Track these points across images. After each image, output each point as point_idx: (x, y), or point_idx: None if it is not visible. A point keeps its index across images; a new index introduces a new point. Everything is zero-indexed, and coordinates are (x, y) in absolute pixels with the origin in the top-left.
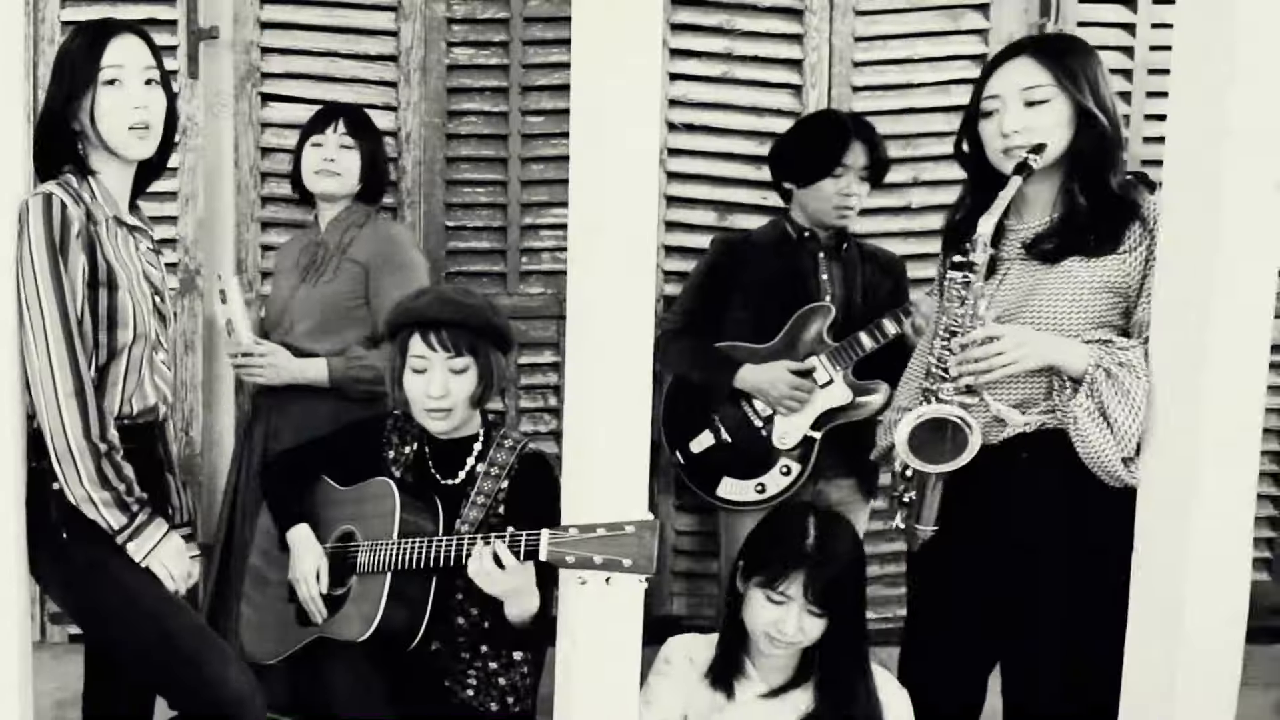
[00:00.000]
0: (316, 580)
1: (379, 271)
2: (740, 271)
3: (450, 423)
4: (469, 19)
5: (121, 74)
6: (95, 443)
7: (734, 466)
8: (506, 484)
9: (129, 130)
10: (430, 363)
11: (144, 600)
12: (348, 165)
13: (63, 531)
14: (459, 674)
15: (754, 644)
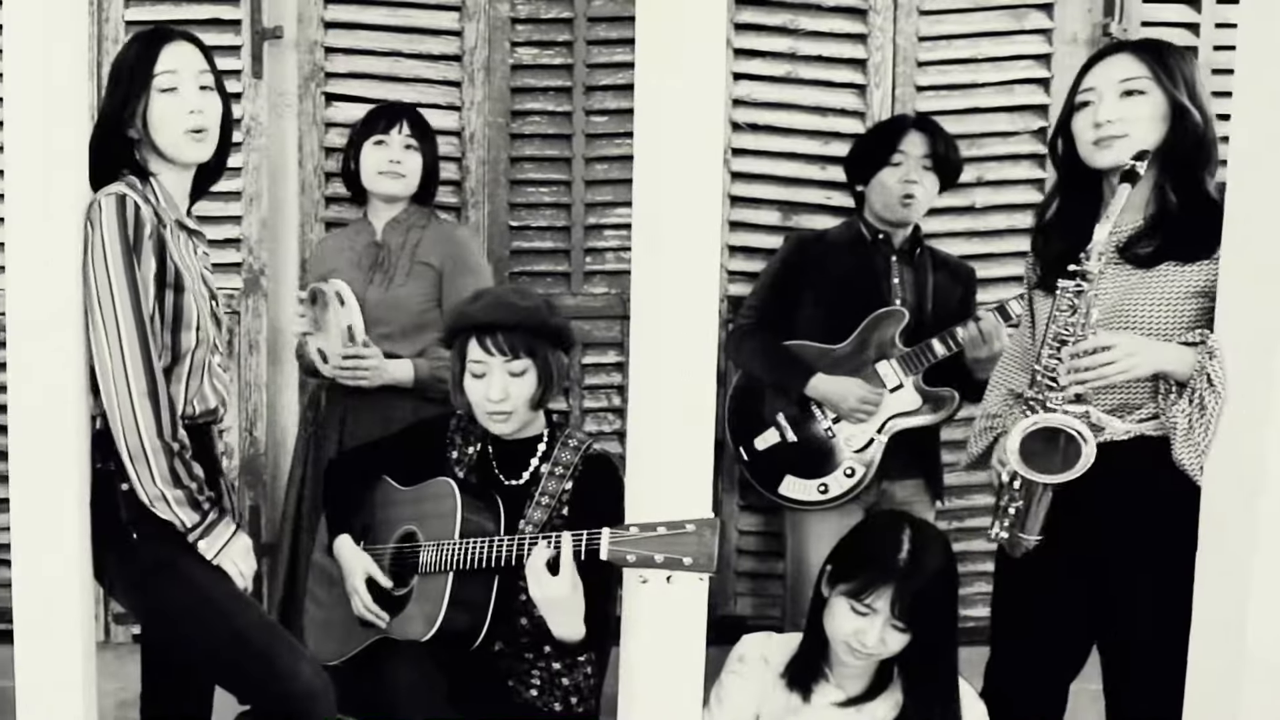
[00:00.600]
0: (372, 588)
1: (453, 274)
2: (813, 270)
3: (512, 425)
4: (533, 19)
5: (176, 80)
6: (168, 441)
7: (798, 465)
8: (570, 485)
9: (184, 134)
10: (489, 367)
11: (215, 597)
12: (412, 167)
13: (132, 532)
14: (522, 674)
15: (834, 652)
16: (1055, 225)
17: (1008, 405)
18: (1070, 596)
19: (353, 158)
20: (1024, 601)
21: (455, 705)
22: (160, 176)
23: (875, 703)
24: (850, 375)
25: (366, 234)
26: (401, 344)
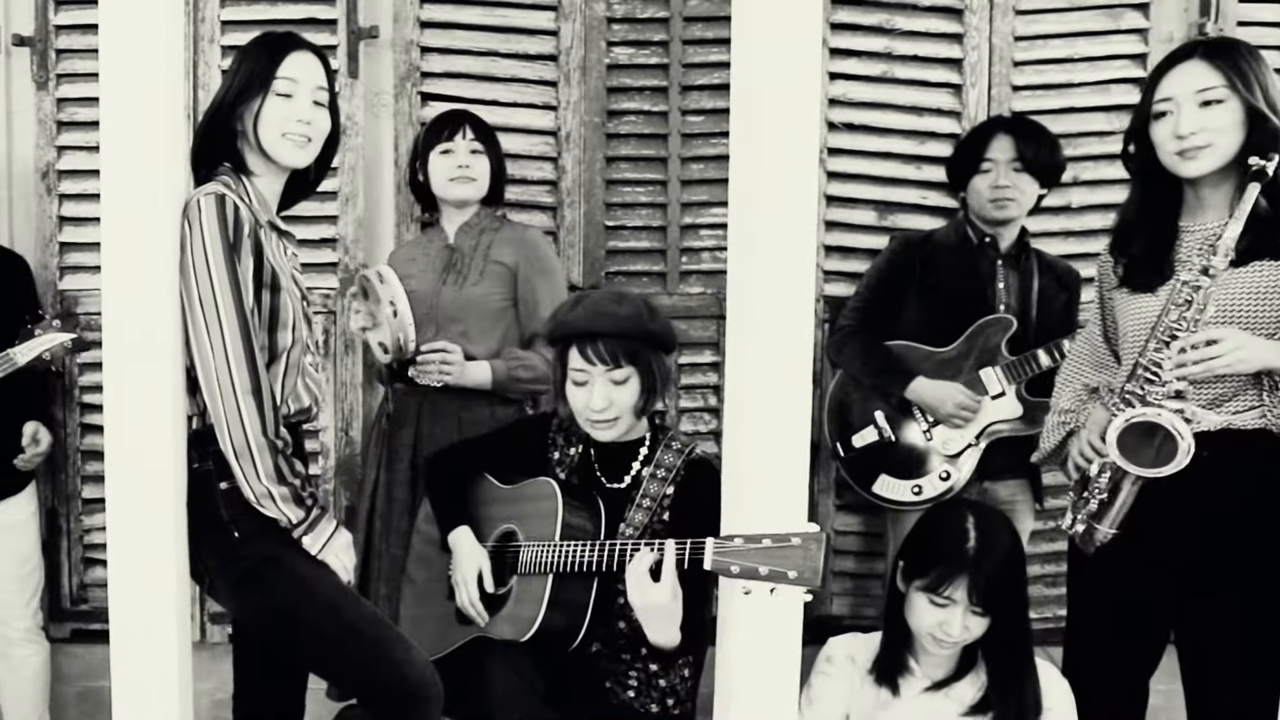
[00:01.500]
0: (478, 585)
1: (528, 274)
2: (918, 271)
3: (615, 431)
4: (629, 18)
5: (294, 88)
6: (272, 439)
7: (893, 465)
8: (672, 489)
9: (287, 138)
10: (590, 375)
11: (323, 591)
12: (480, 170)
13: (234, 530)
14: (619, 676)
15: (918, 643)
16: (1137, 225)
17: (1081, 401)
18: (1150, 592)
19: (420, 169)
20: (1101, 599)
21: (552, 706)
22: (256, 177)
23: (961, 684)
24: (953, 379)
25: (439, 240)
26: (477, 342)
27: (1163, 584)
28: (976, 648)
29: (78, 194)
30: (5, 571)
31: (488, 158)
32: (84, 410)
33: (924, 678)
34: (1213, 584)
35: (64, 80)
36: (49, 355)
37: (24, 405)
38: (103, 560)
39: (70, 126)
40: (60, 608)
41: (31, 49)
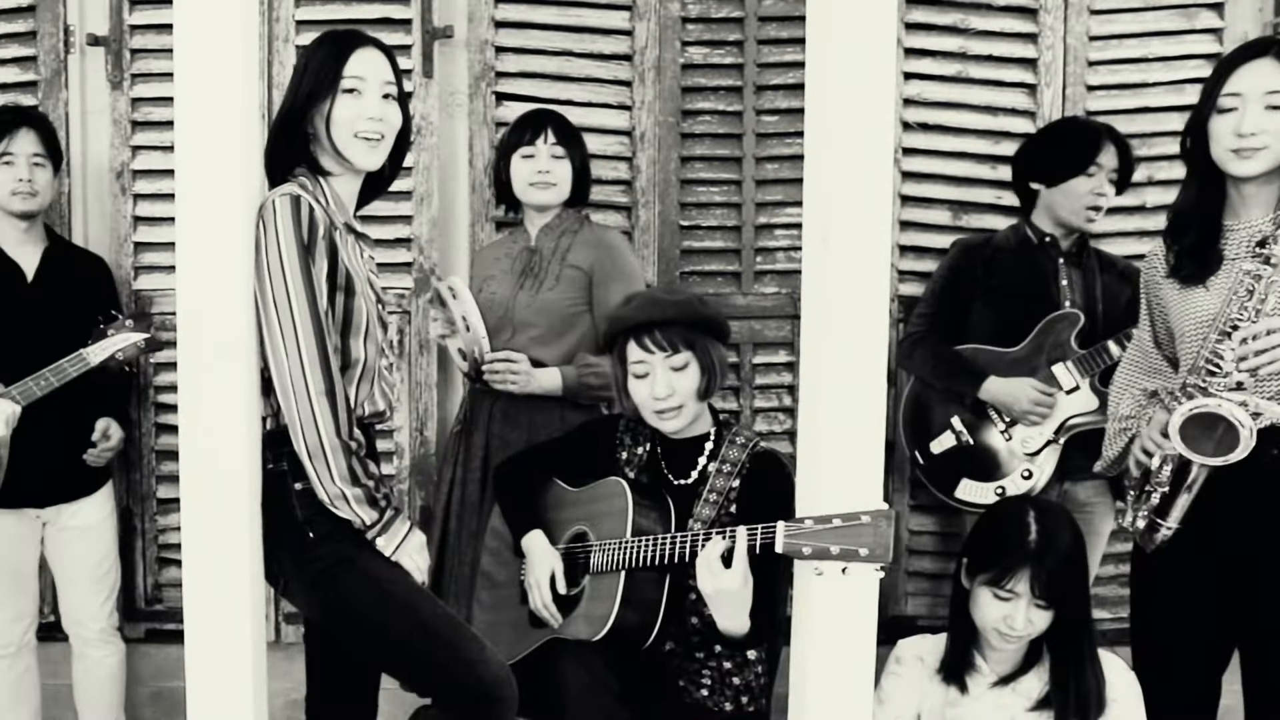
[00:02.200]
0: (551, 587)
1: (603, 278)
2: (981, 275)
3: (681, 420)
4: (703, 18)
5: (362, 85)
6: (346, 440)
7: (974, 469)
8: (738, 482)
9: (360, 139)
10: (650, 365)
11: (398, 592)
12: (561, 174)
13: (309, 531)
14: (693, 674)
15: (984, 639)
16: (1189, 217)
17: (1141, 406)
18: (1214, 589)
19: (504, 170)
20: (1165, 596)
21: (626, 705)
22: (332, 178)
23: (1027, 679)
24: (1025, 378)
25: (522, 240)
26: (551, 346)
27: (1227, 581)
28: (1041, 643)
29: (152, 194)
30: (81, 572)
31: (569, 161)
32: (159, 410)
33: (990, 674)
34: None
35: (139, 80)
36: (122, 355)
37: (99, 405)
38: (177, 560)
39: (145, 126)
40: (135, 608)
41: (106, 49)
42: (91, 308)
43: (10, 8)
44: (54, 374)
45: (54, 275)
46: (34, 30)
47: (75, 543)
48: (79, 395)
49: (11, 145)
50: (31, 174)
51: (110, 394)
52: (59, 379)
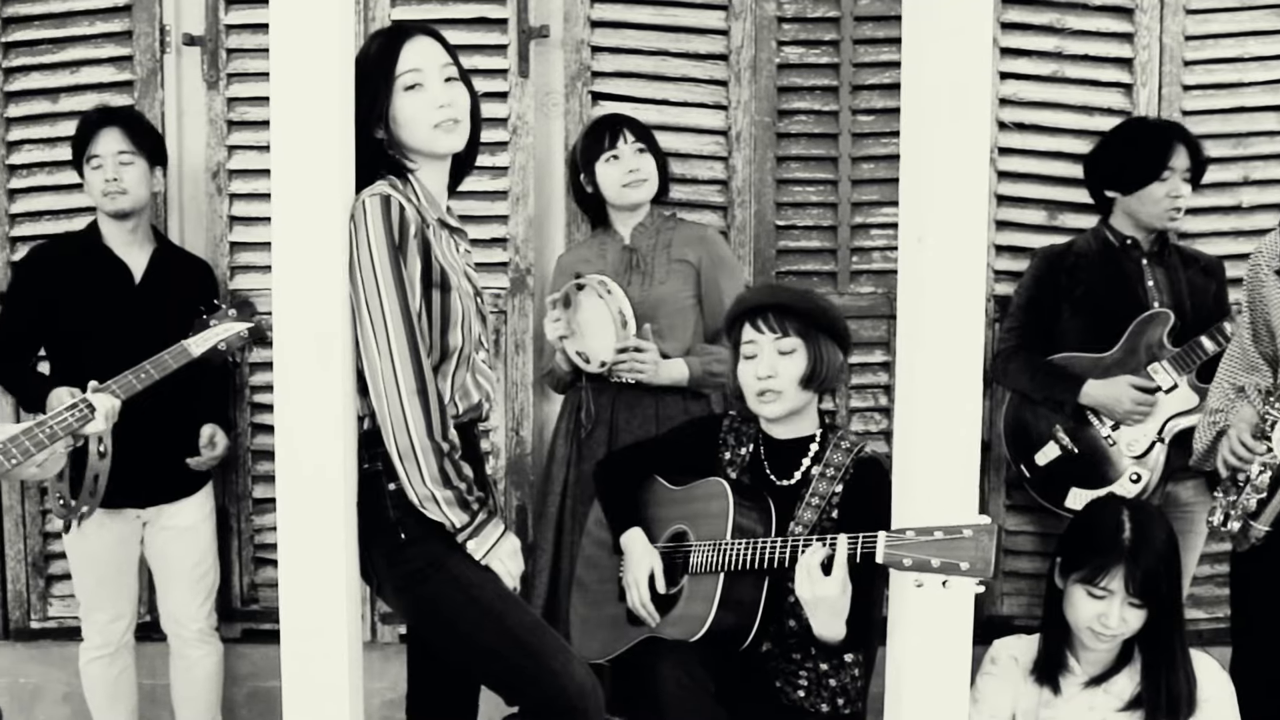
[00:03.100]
0: (649, 585)
1: (711, 272)
2: (1066, 283)
3: (780, 406)
4: (799, 18)
5: (420, 77)
6: (438, 441)
7: (1082, 477)
8: (841, 487)
9: (435, 129)
10: (759, 346)
11: (485, 597)
12: (649, 170)
13: (400, 532)
14: (790, 675)
15: (1077, 638)
16: None
17: (1229, 400)
18: None
19: (588, 180)
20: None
21: (723, 706)
22: (418, 173)
23: (1119, 679)
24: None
25: (614, 242)
26: (670, 340)
27: None
28: (1132, 643)
29: (248, 193)
30: (180, 572)
31: (652, 156)
32: (255, 410)
33: (1083, 674)
34: None
35: (234, 80)
36: (224, 346)
37: (200, 406)
38: (273, 560)
39: (241, 126)
40: (231, 608)
41: (202, 48)
42: (194, 310)
43: (106, 7)
44: (154, 366)
45: (161, 277)
46: (130, 30)
47: (174, 543)
48: (179, 396)
49: (97, 147)
50: (118, 172)
51: (210, 394)
52: (160, 371)
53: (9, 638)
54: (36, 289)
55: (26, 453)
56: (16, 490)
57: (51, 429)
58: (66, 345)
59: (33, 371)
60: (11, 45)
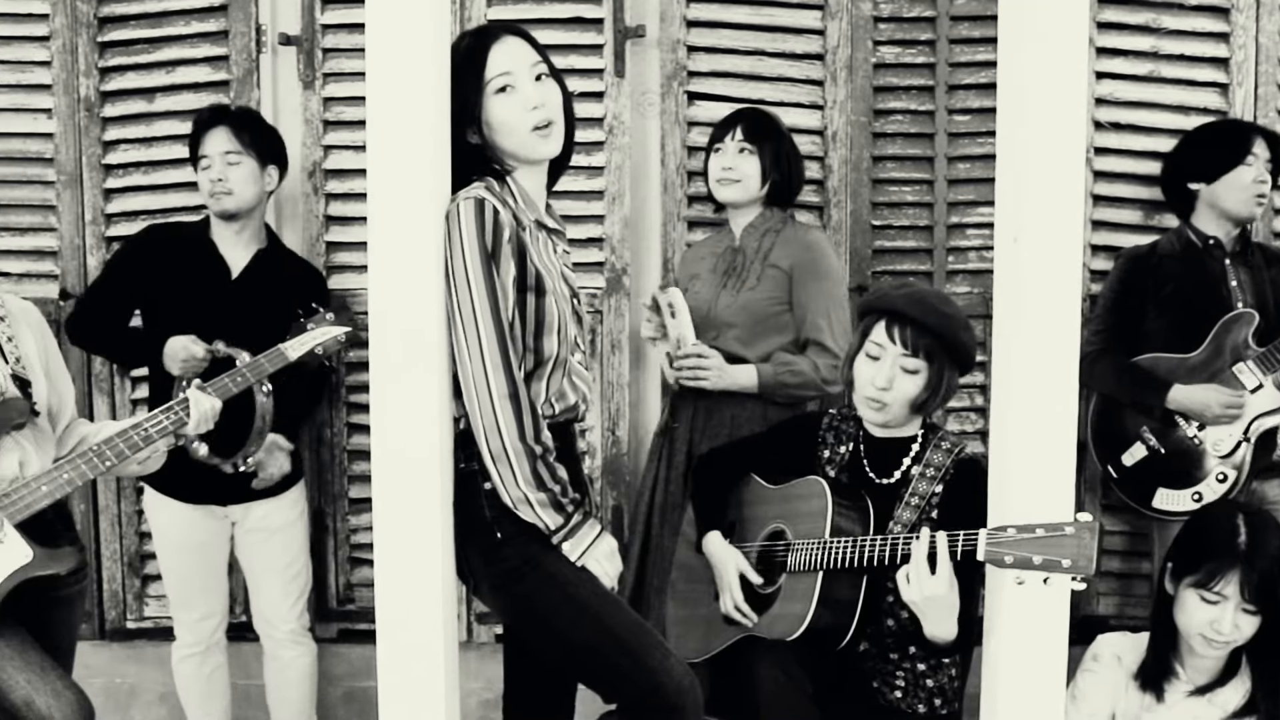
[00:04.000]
0: (744, 585)
1: (802, 277)
2: (1150, 284)
3: (885, 416)
4: (895, 17)
5: (511, 79)
6: (530, 445)
7: (1168, 477)
8: (940, 487)
9: (531, 133)
10: (885, 353)
11: (581, 594)
12: (746, 171)
13: (496, 532)
14: (887, 675)
15: (1185, 645)
16: None
17: None
18: None
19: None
20: None
21: (819, 705)
22: (516, 174)
23: (1225, 690)
24: (1207, 382)
25: (726, 239)
26: (750, 346)
27: None
28: (1240, 655)
29: (344, 193)
30: (272, 573)
31: (758, 157)
32: (350, 410)
33: (1188, 683)
34: None
35: (330, 79)
36: (321, 350)
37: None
38: (369, 560)
39: (337, 125)
40: (327, 608)
41: (298, 48)
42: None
43: (202, 7)
44: (250, 370)
45: (260, 275)
46: (225, 30)
47: (265, 543)
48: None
49: (205, 147)
50: (224, 173)
51: (307, 394)
52: (256, 375)
53: (105, 637)
54: (138, 266)
55: (121, 455)
56: (112, 490)
57: (147, 431)
58: (161, 330)
59: (124, 330)
60: (108, 45)
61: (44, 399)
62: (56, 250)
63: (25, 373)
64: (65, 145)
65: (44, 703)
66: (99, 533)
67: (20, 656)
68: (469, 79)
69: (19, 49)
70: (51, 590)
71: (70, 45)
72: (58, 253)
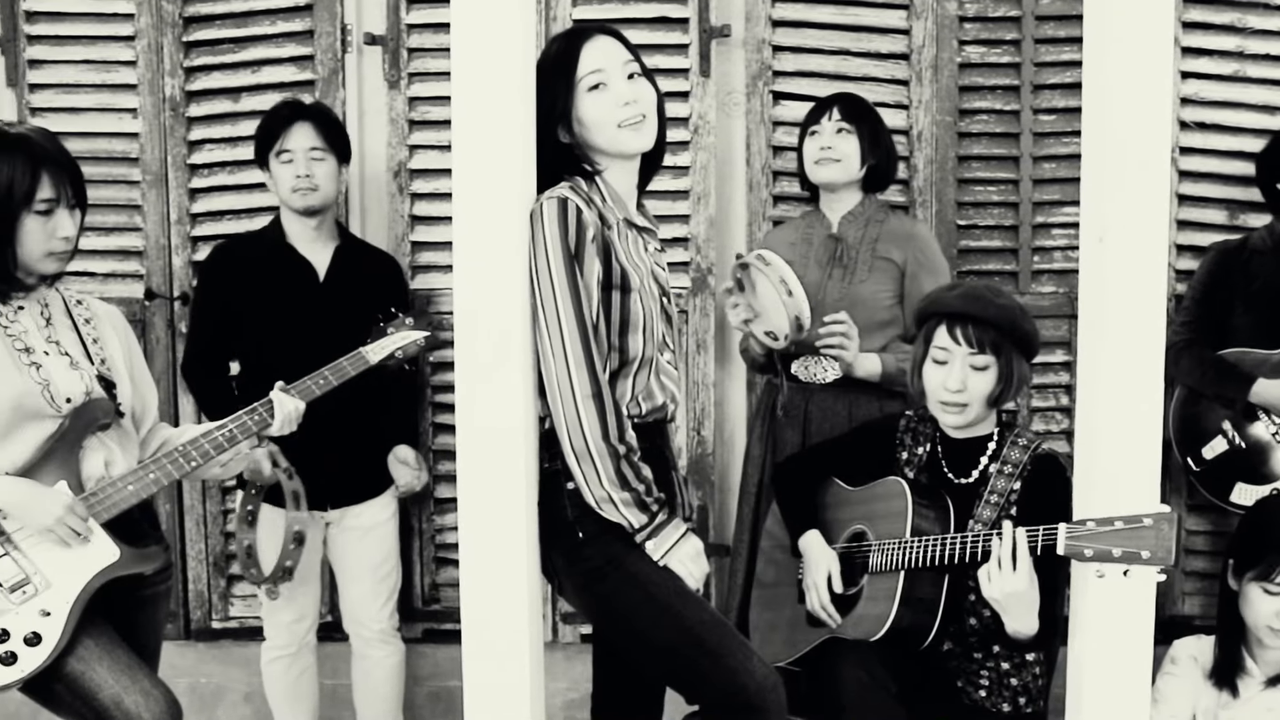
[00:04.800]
0: (829, 587)
1: (915, 271)
2: (1238, 278)
3: (964, 418)
4: (981, 17)
5: (603, 77)
6: (614, 444)
7: (1248, 471)
8: (1019, 484)
9: (621, 128)
10: (952, 355)
11: (663, 594)
12: (846, 151)
13: (578, 531)
14: (971, 674)
15: (1254, 639)
16: None
17: None
18: None
19: (801, 155)
20: None
21: (903, 705)
22: (605, 174)
23: None
24: None
25: (822, 227)
26: (863, 340)
27: None
28: None
29: (429, 193)
30: (363, 573)
31: (857, 137)
32: (435, 410)
33: (1261, 675)
34: None
35: (416, 79)
36: (401, 354)
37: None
38: (455, 560)
39: (422, 125)
40: (412, 608)
41: (384, 48)
42: (380, 306)
43: (287, 6)
44: (333, 373)
45: (345, 274)
46: (311, 29)
47: (357, 544)
48: (365, 397)
49: (288, 141)
50: (310, 168)
51: (399, 403)
52: (338, 378)
53: (190, 638)
54: (220, 292)
55: (206, 455)
56: (197, 490)
57: (231, 432)
58: (253, 345)
59: (224, 384)
60: (193, 44)
61: (128, 401)
62: (142, 250)
63: (110, 374)
64: (150, 145)
65: (133, 702)
66: (184, 533)
67: (109, 656)
68: (561, 78)
69: (104, 48)
70: (138, 589)
71: (155, 45)
72: (143, 252)
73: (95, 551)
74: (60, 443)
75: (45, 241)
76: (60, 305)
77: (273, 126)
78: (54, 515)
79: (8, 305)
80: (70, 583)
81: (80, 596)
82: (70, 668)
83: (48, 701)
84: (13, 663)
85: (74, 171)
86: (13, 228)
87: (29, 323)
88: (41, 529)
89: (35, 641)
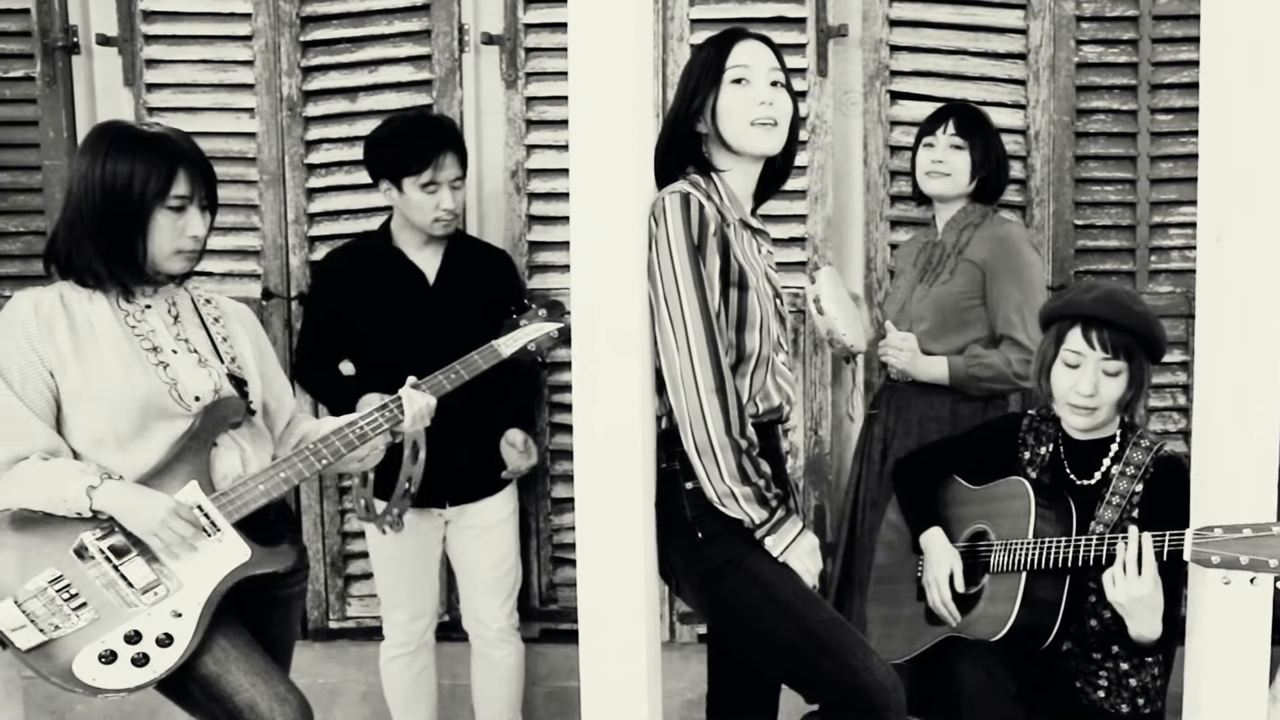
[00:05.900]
0: (950, 585)
1: (996, 272)
2: None
3: (1093, 421)
4: (1098, 16)
5: (748, 74)
6: (736, 438)
7: None
8: (1141, 486)
9: (753, 125)
10: (1085, 359)
11: (783, 594)
12: (957, 165)
13: (698, 531)
14: (1090, 675)
15: None
16: None
17: None
18: None
19: (914, 161)
20: None
21: (1022, 705)
22: (726, 174)
23: None
24: None
25: (930, 234)
26: (939, 340)
27: None
28: None
29: (546, 193)
30: (483, 572)
31: (969, 152)
32: (553, 409)
33: None
34: None
35: (533, 79)
36: (534, 347)
37: (505, 407)
38: (572, 560)
39: (539, 125)
40: (530, 607)
41: (501, 47)
42: (494, 302)
43: (405, 6)
44: (464, 367)
45: (455, 275)
46: (428, 29)
47: (477, 542)
48: (485, 394)
49: (438, 174)
50: (454, 200)
51: (516, 396)
52: (469, 372)
53: (308, 637)
54: (332, 295)
55: (337, 453)
56: (315, 490)
57: (362, 429)
58: (366, 350)
59: (338, 377)
60: (310, 44)
61: (259, 398)
62: (259, 250)
63: (241, 372)
64: (268, 144)
65: (267, 707)
66: (301, 532)
67: (246, 659)
68: (708, 72)
69: (222, 48)
70: (272, 590)
71: (273, 44)
72: (260, 252)
73: (226, 551)
74: (192, 442)
75: (175, 239)
76: (189, 304)
77: (416, 152)
78: (157, 519)
79: (134, 304)
80: (202, 583)
81: (211, 597)
82: (206, 669)
83: (183, 701)
84: (145, 664)
85: (208, 173)
86: (145, 222)
87: (156, 322)
88: (145, 534)
89: (167, 642)
